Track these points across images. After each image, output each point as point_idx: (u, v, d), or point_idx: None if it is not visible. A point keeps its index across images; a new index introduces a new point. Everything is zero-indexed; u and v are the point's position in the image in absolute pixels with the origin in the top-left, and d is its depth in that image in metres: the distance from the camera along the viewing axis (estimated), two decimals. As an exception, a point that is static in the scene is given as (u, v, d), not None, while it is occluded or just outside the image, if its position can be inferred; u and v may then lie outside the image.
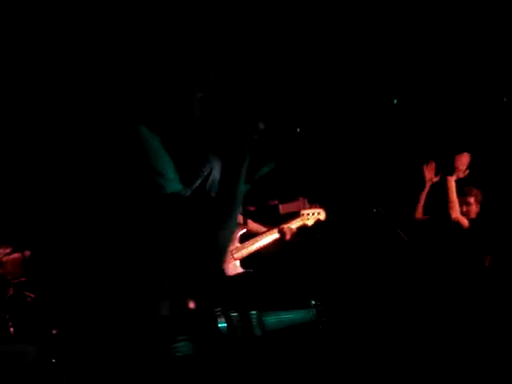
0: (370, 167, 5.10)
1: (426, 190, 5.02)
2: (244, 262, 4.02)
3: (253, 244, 4.08)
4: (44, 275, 4.51)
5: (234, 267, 3.98)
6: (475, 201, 4.95)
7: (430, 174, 5.00)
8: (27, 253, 4.49)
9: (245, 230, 4.12)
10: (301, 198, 5.00)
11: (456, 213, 4.79)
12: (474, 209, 4.94)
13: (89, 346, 3.01)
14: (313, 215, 4.42)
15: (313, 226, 4.42)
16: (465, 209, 4.89)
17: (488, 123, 5.42)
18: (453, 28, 5.23)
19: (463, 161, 4.85)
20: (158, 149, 2.18)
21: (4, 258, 4.35)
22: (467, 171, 4.86)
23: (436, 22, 5.22)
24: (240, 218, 4.17)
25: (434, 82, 5.47)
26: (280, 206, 4.36)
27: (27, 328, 4.07)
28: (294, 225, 4.31)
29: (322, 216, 4.47)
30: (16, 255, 4.46)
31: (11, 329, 4.07)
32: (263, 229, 4.24)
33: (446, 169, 4.90)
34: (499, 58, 5.31)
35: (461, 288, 4.68)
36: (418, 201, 5.04)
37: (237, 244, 4.03)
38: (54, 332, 4.02)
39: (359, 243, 5.23)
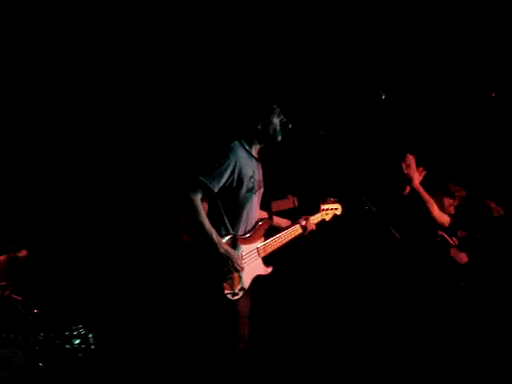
0: (361, 163, 5.08)
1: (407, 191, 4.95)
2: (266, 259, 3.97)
3: (278, 240, 4.03)
4: (34, 276, 4.46)
5: (260, 266, 3.93)
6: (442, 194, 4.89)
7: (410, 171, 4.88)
8: (14, 255, 4.43)
9: (269, 226, 4.05)
10: (290, 196, 4.98)
11: (435, 211, 4.75)
12: (448, 202, 4.89)
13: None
14: (331, 210, 4.41)
15: (330, 220, 4.39)
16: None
17: (475, 118, 5.42)
18: (439, 24, 5.23)
19: (410, 164, 4.75)
20: None
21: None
22: (422, 171, 4.77)
23: (422, 17, 5.22)
24: (265, 214, 4.14)
25: (421, 78, 5.46)
26: (272, 204, 4.32)
27: (14, 331, 3.99)
28: (315, 219, 4.28)
29: (339, 211, 4.45)
30: (2, 257, 4.39)
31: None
32: (285, 223, 4.19)
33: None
34: (486, 52, 5.31)
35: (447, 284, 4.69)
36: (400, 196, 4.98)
37: (263, 241, 3.97)
38: (41, 334, 3.95)
39: (351, 240, 5.22)
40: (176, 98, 4.81)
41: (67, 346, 2.93)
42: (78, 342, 2.92)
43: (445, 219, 4.76)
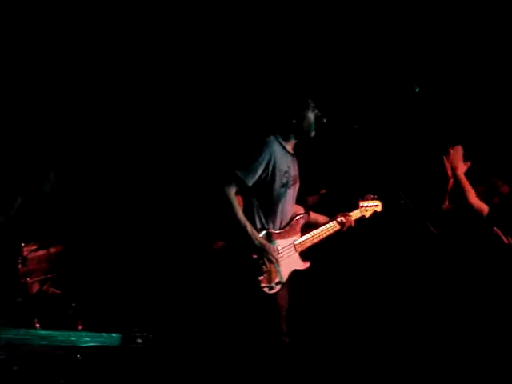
0: (395, 157, 5.04)
1: (452, 180, 4.92)
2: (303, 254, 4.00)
3: (315, 236, 4.05)
4: (72, 271, 4.52)
5: (297, 260, 3.95)
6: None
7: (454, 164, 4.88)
8: (52, 249, 4.50)
9: (306, 221, 4.08)
10: (323, 191, 4.97)
11: (473, 199, 4.70)
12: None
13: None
14: (370, 207, 4.41)
15: (370, 217, 4.39)
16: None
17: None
18: (472, 19, 5.16)
19: (456, 155, 4.74)
20: None
21: (29, 255, 4.34)
22: (467, 163, 4.75)
23: (458, 11, 5.16)
24: (302, 209, 4.14)
25: (454, 71, 5.39)
26: (308, 199, 4.32)
27: (53, 325, 4.06)
28: (354, 216, 4.29)
29: (379, 208, 4.45)
30: (41, 252, 4.46)
31: (37, 325, 4.05)
32: (323, 219, 4.20)
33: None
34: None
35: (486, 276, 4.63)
36: (442, 191, 4.95)
37: (299, 236, 3.99)
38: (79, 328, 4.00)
39: (386, 234, 5.18)
40: (213, 94, 4.83)
41: (132, 346, 2.99)
42: (140, 341, 2.98)
43: (483, 207, 4.69)
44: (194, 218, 4.74)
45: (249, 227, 3.69)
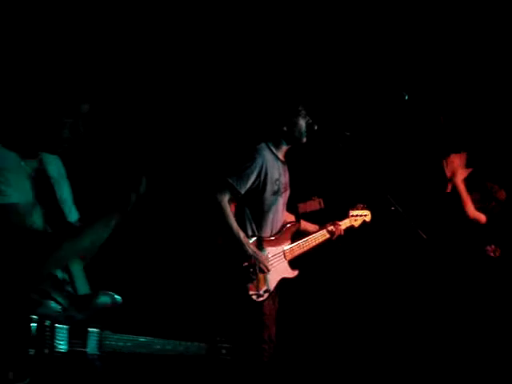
0: (386, 164, 5.05)
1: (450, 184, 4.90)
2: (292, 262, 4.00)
3: (305, 244, 4.06)
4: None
5: (286, 269, 3.94)
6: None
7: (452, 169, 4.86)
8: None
9: (297, 229, 4.09)
10: (316, 198, 4.97)
11: (470, 209, 4.71)
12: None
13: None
14: (360, 217, 4.42)
15: (358, 227, 4.40)
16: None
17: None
18: (463, 26, 5.19)
19: (455, 162, 4.77)
20: None
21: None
22: (468, 170, 4.78)
23: (447, 18, 5.18)
24: (292, 217, 4.16)
25: (444, 78, 5.41)
26: (299, 206, 4.32)
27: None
28: (343, 225, 4.30)
29: (368, 218, 4.46)
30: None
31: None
32: (313, 228, 4.22)
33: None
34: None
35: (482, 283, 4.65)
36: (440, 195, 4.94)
37: (289, 244, 3.99)
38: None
39: (377, 241, 5.18)
40: (203, 101, 4.82)
41: (220, 356, 2.95)
42: (224, 352, 2.96)
43: (481, 217, 4.71)
44: (189, 225, 4.72)
45: (242, 236, 3.69)
